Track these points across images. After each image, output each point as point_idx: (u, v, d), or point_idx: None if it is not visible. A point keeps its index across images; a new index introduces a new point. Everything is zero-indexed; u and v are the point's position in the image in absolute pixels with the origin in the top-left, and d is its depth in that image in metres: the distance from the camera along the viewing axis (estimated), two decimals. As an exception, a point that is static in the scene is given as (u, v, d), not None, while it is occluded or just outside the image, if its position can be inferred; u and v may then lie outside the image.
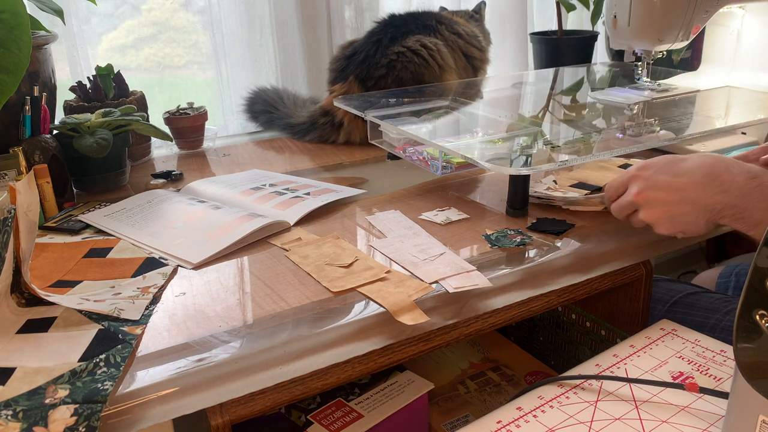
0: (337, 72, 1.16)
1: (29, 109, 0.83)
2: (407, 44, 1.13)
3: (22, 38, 0.71)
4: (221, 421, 0.53)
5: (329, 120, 1.13)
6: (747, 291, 0.42)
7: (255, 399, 0.54)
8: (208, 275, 0.66)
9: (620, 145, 0.89)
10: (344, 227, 0.77)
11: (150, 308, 0.59)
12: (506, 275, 0.65)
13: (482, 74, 1.25)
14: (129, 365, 0.51)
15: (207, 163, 1.06)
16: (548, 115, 1.13)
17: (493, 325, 0.68)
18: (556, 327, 0.93)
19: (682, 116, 1.03)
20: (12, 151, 0.79)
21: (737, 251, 1.51)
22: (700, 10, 0.99)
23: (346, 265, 0.66)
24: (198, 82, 1.29)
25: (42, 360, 0.50)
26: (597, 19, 1.47)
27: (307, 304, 0.60)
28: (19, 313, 0.57)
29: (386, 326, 0.58)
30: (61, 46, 1.11)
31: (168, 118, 1.10)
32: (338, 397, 0.74)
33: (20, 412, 0.44)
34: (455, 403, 0.88)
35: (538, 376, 0.93)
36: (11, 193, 0.54)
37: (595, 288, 0.75)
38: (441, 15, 1.22)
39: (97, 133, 0.86)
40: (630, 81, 1.21)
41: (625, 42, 1.06)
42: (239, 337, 0.55)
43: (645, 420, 0.55)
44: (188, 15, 1.24)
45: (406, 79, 1.12)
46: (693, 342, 0.67)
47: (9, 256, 0.54)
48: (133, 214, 0.81)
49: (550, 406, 0.58)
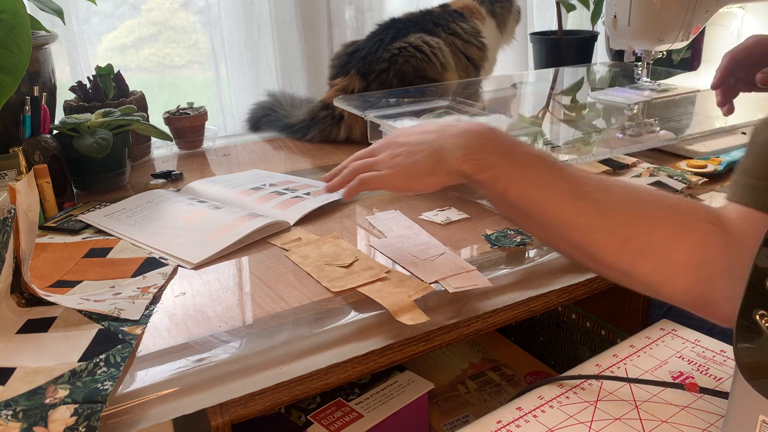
0: (338, 68, 1.16)
1: (29, 109, 0.83)
2: (409, 40, 1.13)
3: (22, 38, 0.71)
4: (221, 421, 0.53)
5: (329, 113, 1.13)
6: (747, 291, 0.42)
7: (255, 399, 0.54)
8: (208, 275, 0.66)
9: (620, 145, 0.89)
10: (344, 227, 0.77)
11: (150, 308, 0.59)
12: (506, 275, 0.65)
13: (484, 72, 1.25)
14: (129, 365, 0.51)
15: (207, 163, 1.06)
16: (548, 115, 1.13)
17: (493, 325, 0.68)
18: (556, 327, 0.93)
19: (682, 116, 1.04)
20: (12, 151, 0.79)
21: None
22: (700, 10, 0.99)
23: (346, 265, 0.66)
24: (198, 82, 1.29)
25: (42, 360, 0.50)
26: (597, 19, 1.47)
27: (307, 304, 0.60)
28: (19, 313, 0.57)
29: (386, 326, 0.58)
30: (61, 46, 1.11)
31: (168, 118, 1.10)
32: (338, 397, 0.74)
33: (20, 412, 0.44)
34: (455, 403, 0.88)
35: (538, 376, 0.93)
36: (11, 193, 0.54)
37: (595, 288, 0.75)
38: (440, 15, 1.22)
39: (97, 133, 0.86)
40: (630, 81, 1.21)
41: (625, 42, 1.06)
42: (239, 337, 0.55)
43: (645, 420, 0.55)
44: (188, 15, 1.24)
45: (407, 74, 1.12)
46: (693, 342, 0.67)
47: (9, 256, 0.54)
48: (133, 214, 0.81)
49: (550, 406, 0.58)
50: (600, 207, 0.52)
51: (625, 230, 0.50)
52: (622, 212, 0.51)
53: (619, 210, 0.51)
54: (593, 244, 0.52)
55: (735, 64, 0.93)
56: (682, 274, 0.48)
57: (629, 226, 0.50)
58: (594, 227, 0.51)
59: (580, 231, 0.52)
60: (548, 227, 0.54)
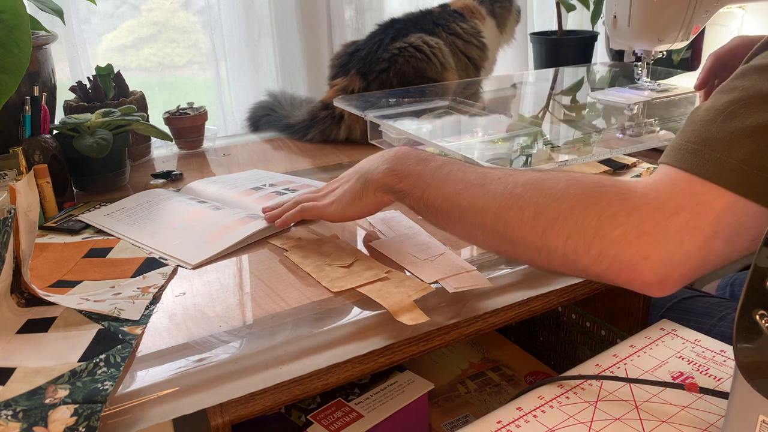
0: (338, 68, 1.16)
1: (29, 109, 0.83)
2: (409, 40, 1.13)
3: (22, 38, 0.71)
4: (221, 421, 0.53)
5: (329, 113, 1.13)
6: (747, 291, 0.42)
7: (255, 399, 0.54)
8: (208, 275, 0.66)
9: (620, 145, 0.89)
10: (344, 227, 0.77)
11: (150, 308, 0.59)
12: (506, 275, 0.65)
13: (484, 72, 1.25)
14: (129, 365, 0.51)
15: (207, 163, 1.06)
16: (548, 115, 1.13)
17: (493, 325, 0.68)
18: (556, 327, 0.93)
19: (682, 116, 1.03)
20: (12, 151, 0.79)
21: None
22: (700, 10, 0.99)
23: (346, 265, 0.66)
24: (198, 82, 1.29)
25: (42, 360, 0.50)
26: (597, 19, 1.47)
27: (307, 304, 0.60)
28: (19, 313, 0.57)
29: (386, 326, 0.58)
30: (61, 46, 1.11)
31: (168, 118, 1.10)
32: (338, 397, 0.74)
33: (20, 412, 0.44)
34: (455, 403, 0.88)
35: (538, 376, 0.93)
36: (11, 193, 0.54)
37: (595, 288, 0.75)
38: (440, 15, 1.22)
39: (97, 133, 0.86)
40: (630, 81, 1.21)
41: (625, 42, 1.06)
42: (239, 337, 0.55)
43: (645, 420, 0.55)
44: (188, 15, 1.24)
45: (408, 73, 1.12)
46: (693, 342, 0.67)
47: (9, 256, 0.54)
48: (133, 214, 0.81)
49: (550, 406, 0.58)
50: (507, 188, 0.53)
51: (533, 205, 0.51)
52: (529, 189, 0.52)
53: (527, 188, 0.52)
54: (506, 224, 0.52)
55: (719, 65, 0.94)
56: (594, 240, 0.48)
57: (537, 201, 0.51)
58: (504, 207, 0.53)
59: (492, 214, 0.53)
60: (465, 219, 0.56)
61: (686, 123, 0.50)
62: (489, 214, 0.54)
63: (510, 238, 0.53)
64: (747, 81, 0.46)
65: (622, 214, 0.47)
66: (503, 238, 0.54)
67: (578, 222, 0.49)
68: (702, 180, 0.45)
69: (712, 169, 0.45)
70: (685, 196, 0.46)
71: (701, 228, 0.45)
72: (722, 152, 0.45)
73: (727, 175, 0.44)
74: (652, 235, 0.46)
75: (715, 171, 0.45)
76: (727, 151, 0.45)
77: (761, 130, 0.44)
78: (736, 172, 0.44)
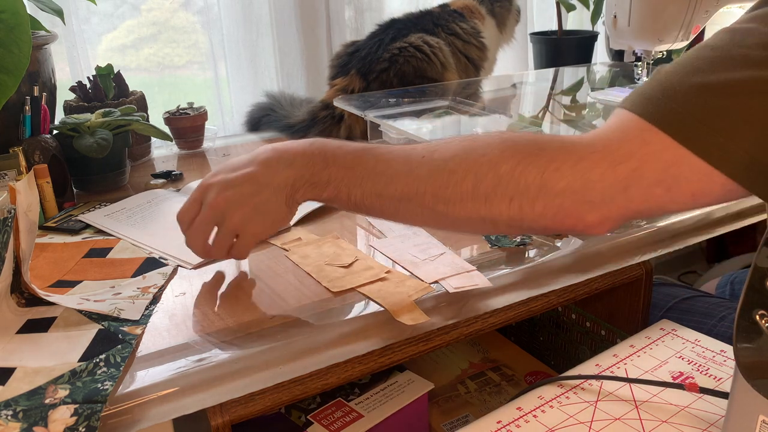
0: (338, 68, 1.16)
1: (29, 109, 0.83)
2: (409, 40, 1.13)
3: (22, 38, 0.71)
4: (221, 421, 0.53)
5: (330, 113, 1.13)
6: (747, 291, 0.42)
7: (255, 399, 0.54)
8: (208, 275, 0.66)
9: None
10: (344, 227, 0.77)
11: (150, 308, 0.59)
12: (506, 275, 0.65)
13: (484, 72, 1.25)
14: (129, 365, 0.51)
15: (207, 163, 1.06)
16: (548, 115, 1.13)
17: (493, 325, 0.68)
18: (556, 327, 0.93)
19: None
20: (12, 151, 0.79)
21: (738, 250, 1.51)
22: (700, 10, 0.99)
23: (346, 265, 0.66)
24: (197, 82, 1.29)
25: (42, 360, 0.50)
26: (597, 19, 1.47)
27: (307, 304, 0.60)
28: (19, 313, 0.57)
29: (386, 326, 0.58)
30: (61, 46, 1.11)
31: (168, 118, 1.10)
32: (338, 397, 0.74)
33: (20, 412, 0.44)
34: (455, 403, 0.88)
35: (538, 376, 0.93)
36: (11, 193, 0.54)
37: (595, 288, 0.75)
38: (440, 15, 1.22)
39: (97, 133, 0.86)
40: (630, 81, 1.21)
41: (625, 42, 1.06)
42: (239, 337, 0.55)
43: (645, 420, 0.55)
44: (188, 15, 1.24)
45: (408, 73, 1.12)
46: (693, 342, 0.67)
47: (9, 256, 0.54)
48: (133, 214, 0.81)
49: (550, 406, 0.58)
50: (437, 165, 0.52)
51: (470, 176, 0.50)
52: (461, 161, 0.51)
53: (458, 160, 0.51)
54: (447, 201, 0.51)
55: None
56: (538, 196, 0.48)
57: (473, 170, 0.50)
58: (441, 186, 0.52)
59: (430, 195, 0.52)
60: (403, 207, 0.55)
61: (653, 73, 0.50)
62: (426, 196, 0.52)
63: (451, 215, 0.52)
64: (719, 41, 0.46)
65: (566, 166, 0.47)
66: (447, 218, 0.53)
67: (520, 182, 0.49)
68: (655, 129, 0.45)
69: (665, 119, 0.45)
70: (635, 144, 0.46)
71: (646, 176, 0.46)
72: (679, 104, 0.45)
73: (678, 127, 0.44)
74: (598, 182, 0.46)
75: (668, 121, 0.45)
76: (684, 105, 0.44)
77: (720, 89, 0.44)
78: (688, 126, 0.44)
